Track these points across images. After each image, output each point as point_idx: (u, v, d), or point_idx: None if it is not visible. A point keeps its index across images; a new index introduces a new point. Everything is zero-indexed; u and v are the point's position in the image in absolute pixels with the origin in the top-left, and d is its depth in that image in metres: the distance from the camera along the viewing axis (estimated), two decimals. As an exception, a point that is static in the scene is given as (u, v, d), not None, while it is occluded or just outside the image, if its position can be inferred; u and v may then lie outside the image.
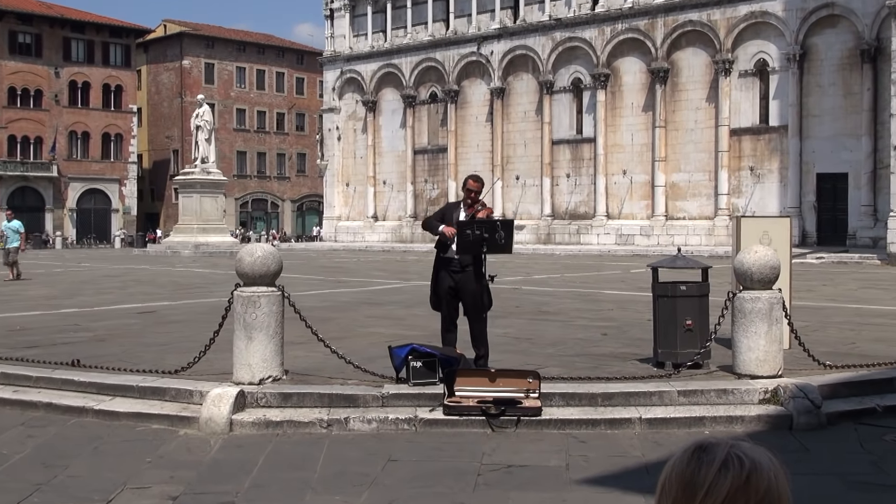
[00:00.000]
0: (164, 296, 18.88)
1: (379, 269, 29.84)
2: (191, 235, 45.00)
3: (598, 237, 46.81)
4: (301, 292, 18.55)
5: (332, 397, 7.84)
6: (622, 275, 26.00)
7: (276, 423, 7.53)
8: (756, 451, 1.36)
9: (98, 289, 21.20)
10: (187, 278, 25.28)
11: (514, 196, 50.85)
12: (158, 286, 22.00)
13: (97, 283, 23.20)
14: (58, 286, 22.20)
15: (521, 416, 7.47)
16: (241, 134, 78.29)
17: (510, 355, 10.02)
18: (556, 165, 48.90)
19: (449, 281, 8.85)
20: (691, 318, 8.79)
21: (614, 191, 46.83)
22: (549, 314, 14.71)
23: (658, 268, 9.23)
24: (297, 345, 10.45)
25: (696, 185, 44.08)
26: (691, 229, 43.92)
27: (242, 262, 8.23)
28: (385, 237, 56.32)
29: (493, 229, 8.47)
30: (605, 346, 10.82)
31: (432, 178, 54.73)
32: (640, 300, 16.78)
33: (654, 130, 44.87)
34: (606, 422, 7.48)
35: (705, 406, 7.78)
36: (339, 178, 59.53)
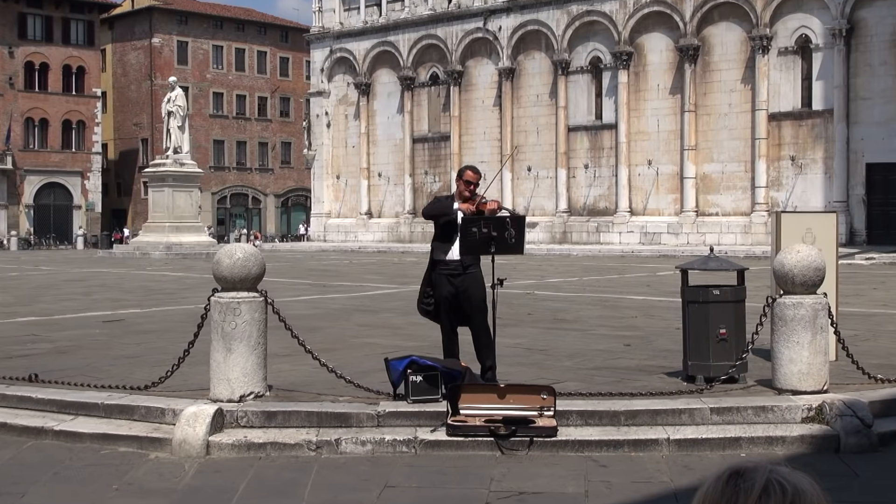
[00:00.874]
0: (132, 302, 18.90)
1: (374, 273, 29.84)
2: (162, 235, 45.04)
3: (620, 236, 46.80)
4: (286, 298, 18.54)
5: (322, 416, 7.84)
6: (647, 278, 25.99)
7: (258, 445, 7.53)
8: (797, 477, 1.36)
9: (59, 295, 21.23)
10: (159, 283, 25.30)
11: (525, 189, 50.86)
12: (126, 292, 22.02)
13: (58, 289, 23.24)
14: (13, 292, 22.23)
15: (534, 436, 7.47)
16: (218, 121, 78.39)
17: (522, 368, 10.01)
18: (572, 155, 48.90)
19: (448, 287, 8.83)
20: (725, 326, 8.78)
21: (638, 183, 46.82)
22: (565, 322, 14.70)
23: (688, 270, 9.23)
24: (282, 357, 10.43)
25: (731, 177, 44.07)
26: (725, 226, 43.91)
27: (220, 265, 8.23)
28: (380, 236, 56.34)
29: (502, 227, 8.46)
30: (629, 358, 10.81)
31: (433, 169, 54.76)
32: (668, 306, 16.76)
33: (683, 115, 44.85)
34: (630, 443, 7.48)
35: (741, 425, 7.77)
36: (328, 169, 59.57)
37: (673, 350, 10.87)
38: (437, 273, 8.94)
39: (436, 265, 8.96)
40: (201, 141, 75.24)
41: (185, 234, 45.37)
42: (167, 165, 45.59)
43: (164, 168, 45.56)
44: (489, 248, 8.46)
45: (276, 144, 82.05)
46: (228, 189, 79.31)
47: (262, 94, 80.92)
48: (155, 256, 42.56)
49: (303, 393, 8.60)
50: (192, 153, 48.93)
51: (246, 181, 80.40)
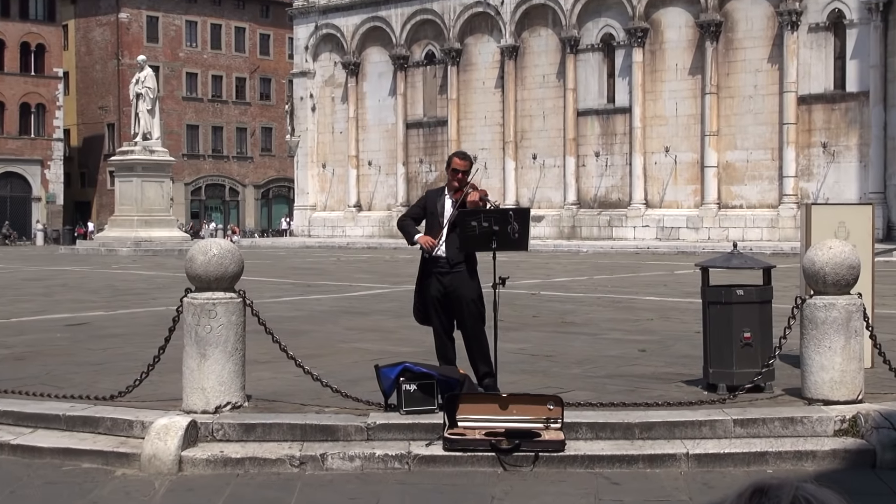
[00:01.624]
0: (97, 304, 18.89)
1: (363, 271, 29.84)
2: (130, 230, 45.03)
3: (635, 230, 46.85)
4: (267, 299, 18.53)
5: (306, 429, 7.84)
6: (664, 277, 26.01)
7: (235, 460, 7.53)
8: (825, 494, 1.36)
9: (16, 295, 21.22)
10: (126, 282, 25.29)
11: (530, 179, 50.89)
12: (91, 292, 22.01)
13: (15, 289, 23.23)
14: (-34, 292, 22.22)
15: (539, 451, 7.47)
16: (192, 104, 78.35)
17: (526, 376, 10.01)
18: (581, 142, 48.93)
19: (436, 286, 8.82)
20: (750, 329, 8.79)
21: (654, 173, 46.86)
22: (574, 326, 14.72)
23: (709, 268, 9.23)
24: (263, 364, 10.42)
25: (756, 166, 44.12)
26: (750, 220, 43.96)
27: (194, 262, 8.22)
28: (371, 231, 56.37)
29: (504, 220, 8.46)
30: (644, 364, 10.82)
31: (429, 157, 54.76)
32: (687, 308, 16.77)
33: (704, 98, 44.87)
34: (645, 458, 7.48)
35: (767, 439, 7.78)
36: (313, 158, 59.57)
37: (692, 356, 10.87)
38: (425, 271, 8.93)
39: (425, 264, 8.95)
40: (173, 126, 75.21)
41: (155, 228, 45.36)
42: (136, 153, 45.56)
43: (133, 156, 45.54)
44: (490, 243, 8.45)
45: (255, 130, 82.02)
46: (203, 179, 79.30)
47: (240, 75, 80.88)
48: (122, 253, 42.54)
49: (285, 403, 8.60)
50: (163, 140, 48.90)
51: (222, 171, 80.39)
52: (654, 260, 35.29)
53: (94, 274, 29.22)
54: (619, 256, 38.32)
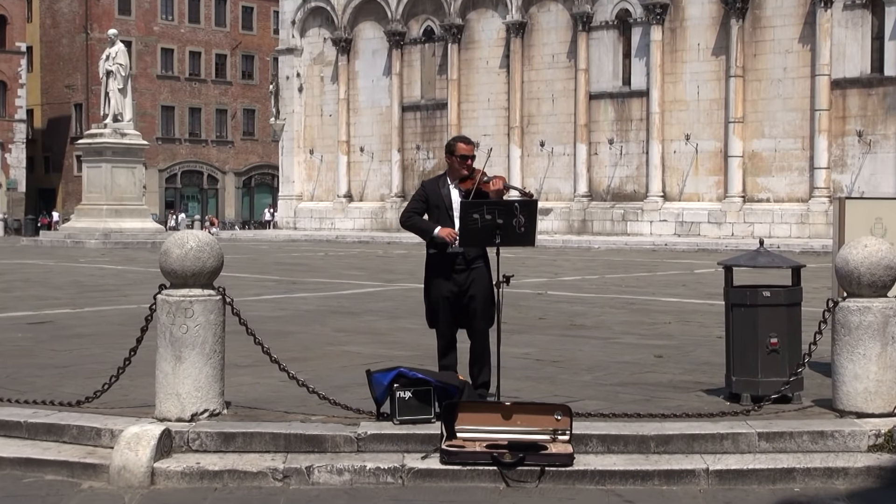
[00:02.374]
0: (63, 301, 18.88)
1: (354, 268, 29.83)
2: (99, 220, 44.99)
3: (651, 225, 46.87)
4: (249, 297, 18.52)
5: (290, 439, 7.84)
6: (683, 276, 26.00)
7: (213, 473, 7.53)
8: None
9: (-27, 291, 21.21)
10: (95, 277, 25.28)
11: (537, 168, 50.89)
12: (55, 288, 22.00)
13: (-28, 284, 23.21)
14: (-82, 287, 22.21)
15: (545, 465, 7.47)
16: (167, 83, 78.29)
17: (532, 383, 10.01)
18: (594, 128, 48.92)
19: (449, 285, 8.81)
20: (777, 334, 8.78)
21: (673, 163, 46.86)
22: (584, 329, 14.71)
23: (733, 267, 9.23)
24: (244, 368, 10.41)
25: (785, 156, 44.12)
26: (777, 215, 43.97)
27: (169, 256, 8.22)
28: (362, 223, 56.37)
29: (509, 213, 8.44)
30: (661, 371, 10.82)
31: (426, 143, 54.75)
32: (708, 311, 16.77)
33: (728, 81, 44.87)
34: (661, 474, 7.48)
35: (795, 454, 7.78)
36: (300, 143, 59.54)
37: (713, 363, 10.87)
38: (435, 270, 8.91)
39: (435, 260, 8.93)
40: (147, 107, 75.15)
41: (126, 218, 45.33)
42: (105, 136, 45.50)
43: (102, 139, 45.48)
44: (493, 238, 8.44)
45: (236, 112, 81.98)
46: (179, 165, 79.27)
47: (220, 52, 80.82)
48: (90, 245, 42.51)
49: (267, 411, 8.59)
50: (135, 122, 48.84)
51: (200, 156, 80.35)
52: (673, 258, 35.28)
53: (59, 268, 29.20)
54: (634, 254, 38.31)
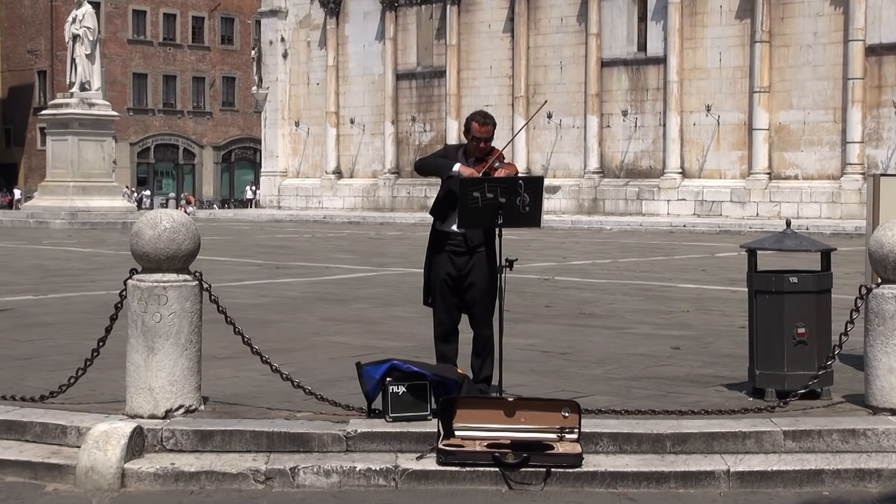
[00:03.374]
0: (25, 287, 18.87)
1: (344, 251, 29.82)
2: (65, 198, 44.93)
3: (669, 204, 46.86)
4: (228, 283, 18.51)
5: (273, 437, 7.84)
6: (703, 260, 26.00)
7: (189, 474, 7.53)
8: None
9: (-73, 276, 21.20)
10: (60, 261, 25.26)
11: (544, 142, 50.84)
12: (17, 273, 21.99)
13: (-74, 268, 23.19)
14: None
15: (552, 466, 7.48)
16: (139, 48, 78.10)
17: (537, 377, 10.02)
18: (606, 98, 48.85)
19: (448, 267, 8.81)
20: (805, 324, 8.78)
21: (693, 136, 46.82)
22: (594, 318, 14.72)
23: (757, 250, 9.22)
24: (222, 360, 10.41)
25: (815, 129, 44.09)
26: (806, 194, 43.96)
27: (141, 238, 8.21)
28: (352, 202, 56.35)
29: (512, 191, 8.44)
30: (678, 364, 10.83)
31: (423, 114, 54.70)
32: (730, 298, 16.77)
33: (753, 47, 44.79)
34: (678, 476, 7.49)
35: (824, 454, 7.79)
36: (284, 114, 59.46)
37: (735, 355, 10.88)
38: (436, 249, 8.91)
39: (436, 237, 8.93)
40: (117, 75, 75.00)
41: (94, 196, 45.26)
42: (72, 107, 45.40)
43: (68, 110, 45.37)
44: (495, 218, 8.44)
45: (215, 80, 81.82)
46: (153, 139, 79.15)
47: (197, 14, 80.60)
48: (55, 226, 42.47)
49: (249, 407, 8.60)
50: (104, 91, 48.74)
51: (176, 128, 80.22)
52: (692, 240, 35.27)
53: (20, 251, 29.17)
54: (650, 235, 38.29)
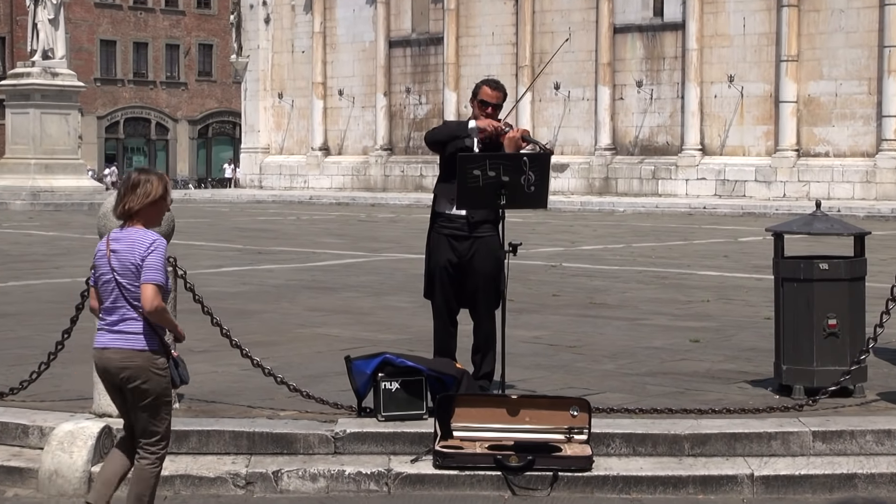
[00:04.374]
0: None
1: (331, 234, 29.81)
2: (26, 177, 44.83)
3: (687, 184, 46.83)
4: (205, 269, 18.50)
5: (255, 438, 7.85)
6: (725, 245, 25.99)
7: (163, 478, 7.51)
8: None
9: None
10: (21, 246, 25.24)
11: (550, 116, 50.78)
12: (-27, 258, 21.98)
13: None
14: None
15: (559, 470, 7.49)
16: (107, 13, 77.95)
17: (543, 373, 10.03)
18: (619, 67, 48.78)
19: (448, 252, 8.80)
20: (837, 315, 8.78)
21: (714, 109, 46.77)
22: (606, 308, 14.72)
23: (784, 234, 9.22)
24: (199, 354, 10.42)
25: (848, 102, 44.02)
26: (838, 172, 43.93)
27: (110, 220, 8.19)
28: (341, 182, 56.30)
29: (516, 169, 8.43)
30: (697, 359, 10.84)
31: (419, 85, 54.61)
32: (754, 287, 16.77)
33: (780, 12, 44.71)
34: (697, 481, 7.50)
35: (857, 457, 7.79)
36: (266, 85, 59.35)
37: (760, 349, 10.89)
38: (436, 231, 8.90)
39: (436, 219, 8.93)
40: (83, 42, 74.85)
41: (58, 175, 45.17)
42: (33, 77, 45.28)
43: (29, 80, 45.26)
44: (498, 198, 8.43)
45: (190, 48, 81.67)
46: (122, 112, 79.03)
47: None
48: (15, 207, 42.41)
49: (228, 405, 8.60)
50: (69, 60, 48.62)
51: (147, 100, 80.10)
52: (713, 223, 35.25)
53: (-22, 234, 29.14)
54: (667, 218, 38.28)
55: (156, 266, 6.05)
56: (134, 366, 6.08)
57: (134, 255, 6.08)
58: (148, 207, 6.18)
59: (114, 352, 6.12)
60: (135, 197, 6.15)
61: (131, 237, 6.14)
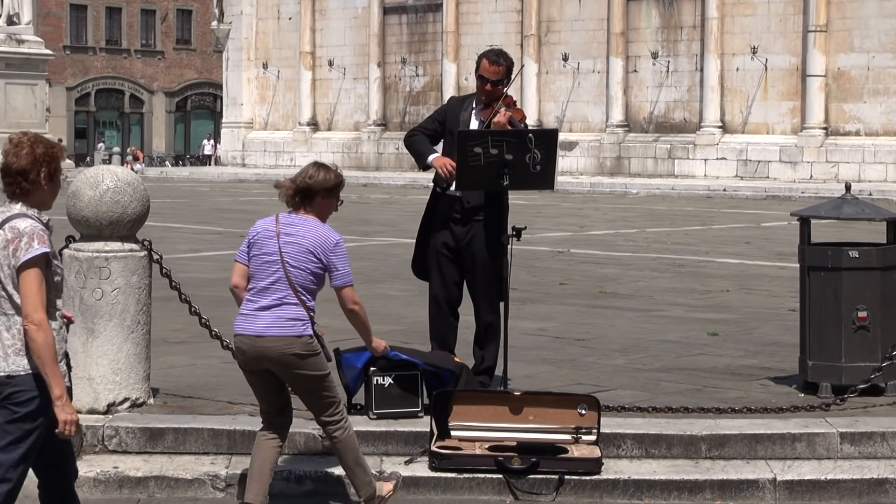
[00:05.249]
0: (-60, 257, 18.87)
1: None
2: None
3: (706, 164, 46.82)
4: (183, 254, 18.50)
5: (235, 437, 7.85)
6: (747, 231, 26.00)
7: (136, 480, 7.54)
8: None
9: None
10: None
11: (558, 90, 50.74)
12: (-69, 240, 21.98)
13: None
14: None
15: (565, 473, 7.50)
16: (78, -26, 77.79)
17: (549, 368, 10.03)
18: (633, 38, 48.73)
19: (445, 236, 8.80)
20: (867, 307, 8.78)
21: (735, 84, 46.73)
22: (617, 297, 14.73)
23: (811, 219, 9.21)
24: (176, 345, 10.41)
25: (881, 76, 43.98)
26: (870, 153, 43.92)
27: (80, 199, 8.19)
28: (331, 159, 55.85)
29: (521, 146, 8.42)
30: (716, 353, 10.84)
31: (415, 56, 54.56)
32: (778, 276, 16.77)
33: (808, -23, 44.65)
34: (715, 486, 7.51)
35: (888, 461, 7.80)
36: (250, 54, 59.28)
37: (784, 343, 10.88)
38: (435, 211, 8.88)
39: (435, 201, 8.91)
40: (51, 6, 74.77)
41: (24, 151, 45.17)
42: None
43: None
44: (501, 179, 8.42)
45: (167, 14, 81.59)
46: (93, 82, 78.96)
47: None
48: (-23, 186, 42.42)
49: (206, 401, 8.60)
50: (36, 25, 48.58)
51: (121, 70, 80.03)
52: (733, 206, 35.25)
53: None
54: (684, 201, 38.27)
55: (347, 267, 6.80)
56: (294, 353, 6.54)
57: (315, 246, 6.61)
58: (324, 199, 6.74)
59: (273, 339, 6.56)
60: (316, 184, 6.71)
61: (309, 226, 6.69)
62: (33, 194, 5.41)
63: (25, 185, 5.39)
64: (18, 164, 5.38)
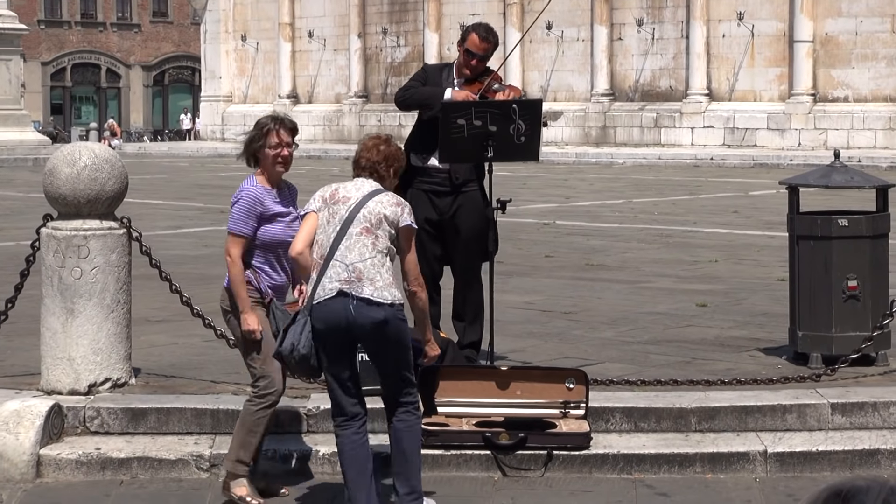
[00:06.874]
0: (-84, 237, 18.82)
1: (301, 191, 29.64)
2: (-37, 129, 44.67)
3: (693, 133, 46.81)
4: (163, 231, 18.45)
5: (219, 417, 7.85)
6: (735, 200, 26.02)
7: (118, 461, 7.54)
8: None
9: None
10: (-42, 206, 25.18)
11: (542, 59, 50.66)
12: None
13: None
14: None
15: (553, 448, 7.51)
16: (51, -54, 77.41)
17: (536, 341, 10.04)
18: (618, 4, 48.66)
19: (427, 209, 8.78)
20: (858, 276, 8.80)
21: (722, 50, 46.69)
22: (604, 269, 14.74)
23: (800, 187, 9.23)
24: (157, 324, 10.41)
25: (869, 41, 43.99)
26: (859, 119, 43.95)
27: (57, 177, 8.17)
28: (312, 133, 56.13)
29: (505, 117, 8.42)
30: (705, 325, 10.87)
31: (396, 26, 54.41)
32: (767, 245, 16.79)
33: (795, -59, 44.59)
34: (705, 459, 7.53)
35: (879, 431, 7.83)
36: (228, 26, 59.09)
37: (773, 314, 10.91)
38: (413, 187, 8.86)
39: (413, 175, 8.88)
40: (24, -21, 74.38)
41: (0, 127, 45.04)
42: (-31, 18, 45.09)
43: (-35, 22, 45.07)
44: (484, 151, 8.42)
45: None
46: (69, 57, 78.66)
47: None
48: (-48, 164, 42.29)
49: (189, 381, 8.60)
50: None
51: (97, 44, 79.74)
52: (721, 175, 35.27)
53: (-89, 194, 29.05)
54: (671, 170, 38.29)
55: (234, 214, 7.41)
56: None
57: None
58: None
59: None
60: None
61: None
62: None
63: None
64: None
